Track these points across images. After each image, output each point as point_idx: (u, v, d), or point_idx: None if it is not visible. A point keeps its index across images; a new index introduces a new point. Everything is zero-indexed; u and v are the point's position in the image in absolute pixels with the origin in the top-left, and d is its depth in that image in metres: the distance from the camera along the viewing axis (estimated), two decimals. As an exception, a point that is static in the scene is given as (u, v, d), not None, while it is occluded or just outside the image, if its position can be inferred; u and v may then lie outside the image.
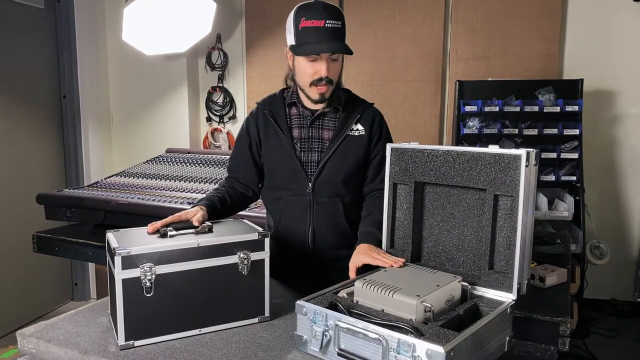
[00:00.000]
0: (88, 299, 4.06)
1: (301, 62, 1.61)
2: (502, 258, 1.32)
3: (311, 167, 1.70)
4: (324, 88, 1.61)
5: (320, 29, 1.54)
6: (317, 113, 1.71)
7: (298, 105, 1.73)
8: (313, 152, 1.71)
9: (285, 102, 1.75)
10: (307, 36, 1.55)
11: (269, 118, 1.73)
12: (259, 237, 1.40)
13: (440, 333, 1.09)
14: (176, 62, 4.02)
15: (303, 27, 1.55)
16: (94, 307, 1.51)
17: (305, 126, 1.72)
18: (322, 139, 1.71)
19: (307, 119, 1.72)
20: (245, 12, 4.08)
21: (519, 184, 1.26)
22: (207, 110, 4.25)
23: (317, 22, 1.54)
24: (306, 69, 1.60)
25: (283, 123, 1.72)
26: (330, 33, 1.55)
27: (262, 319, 1.42)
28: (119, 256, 1.22)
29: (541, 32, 3.53)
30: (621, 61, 3.48)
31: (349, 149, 1.70)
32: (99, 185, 2.94)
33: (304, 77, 1.62)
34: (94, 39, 4.03)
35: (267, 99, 1.80)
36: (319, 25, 1.54)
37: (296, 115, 1.74)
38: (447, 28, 3.72)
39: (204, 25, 3.56)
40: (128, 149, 4.23)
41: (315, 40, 1.55)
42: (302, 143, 1.71)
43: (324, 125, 1.72)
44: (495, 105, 3.13)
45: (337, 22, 1.56)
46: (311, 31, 1.55)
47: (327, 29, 1.54)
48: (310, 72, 1.60)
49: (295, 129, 1.73)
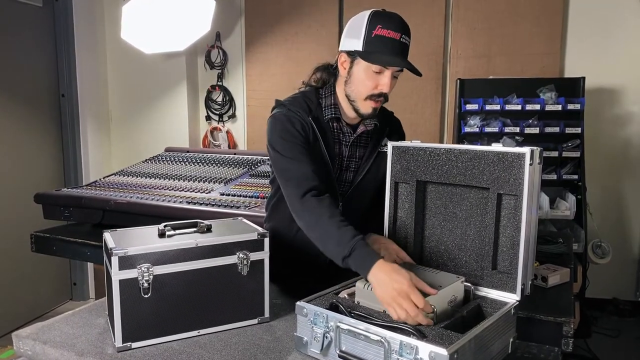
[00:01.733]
0: (87, 298, 4.04)
1: (363, 72, 1.46)
2: (506, 258, 1.30)
3: (343, 187, 1.61)
4: (379, 102, 1.50)
5: (395, 42, 1.43)
6: (358, 131, 1.59)
7: (341, 121, 1.58)
8: (349, 171, 1.61)
9: (325, 113, 1.57)
10: (381, 45, 1.42)
11: (315, 128, 1.53)
12: (259, 237, 1.38)
13: (443, 335, 1.07)
14: (175, 60, 4.00)
15: (377, 34, 1.42)
16: (91, 308, 1.49)
17: (346, 144, 1.59)
18: (356, 158, 1.62)
19: (346, 136, 1.59)
20: (244, 10, 4.06)
21: (522, 182, 1.24)
22: (207, 109, 4.23)
23: (394, 33, 1.42)
24: (367, 81, 1.47)
25: (329, 139, 1.55)
26: (403, 48, 1.45)
27: (262, 320, 1.40)
28: (115, 256, 1.20)
29: (542, 30, 3.51)
30: (623, 59, 3.46)
31: (380, 166, 1.61)
32: (97, 184, 2.92)
33: (361, 88, 1.48)
34: (93, 37, 4.01)
35: (300, 102, 1.56)
36: (394, 38, 1.42)
37: (337, 130, 1.59)
38: (448, 26, 3.70)
39: (203, 24, 3.54)
40: (127, 147, 4.21)
41: (389, 52, 1.43)
42: (340, 161, 1.60)
43: (360, 143, 1.62)
44: (496, 103, 3.11)
45: (409, 39, 1.47)
46: (386, 41, 1.42)
47: (401, 43, 1.44)
48: (370, 85, 1.47)
49: (336, 145, 1.59)
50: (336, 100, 1.57)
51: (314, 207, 1.39)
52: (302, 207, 1.41)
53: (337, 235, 1.31)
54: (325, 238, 1.35)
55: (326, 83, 1.62)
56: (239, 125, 4.22)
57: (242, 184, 2.77)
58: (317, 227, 1.37)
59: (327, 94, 1.59)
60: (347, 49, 1.50)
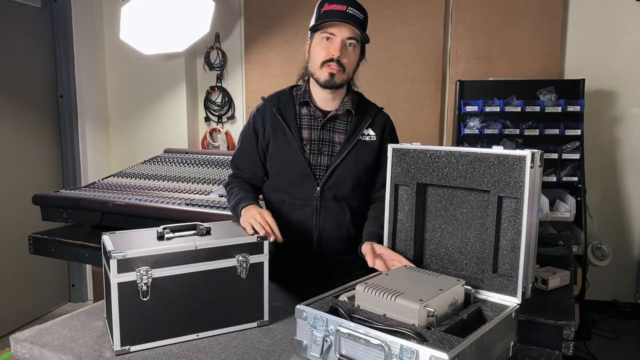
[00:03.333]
0: (85, 300, 4.03)
1: (316, 44, 1.61)
2: (507, 261, 1.30)
3: (320, 171, 1.66)
4: (334, 68, 1.59)
5: (341, 12, 1.57)
6: (329, 115, 1.67)
7: (310, 105, 1.68)
8: (323, 155, 1.67)
9: (296, 100, 1.70)
10: (327, 17, 1.57)
11: (277, 116, 1.68)
12: (258, 239, 1.37)
13: (444, 339, 1.06)
14: (174, 61, 3.99)
15: (325, 10, 1.58)
16: (89, 311, 1.48)
17: (317, 127, 1.68)
18: (332, 142, 1.67)
19: (318, 120, 1.68)
20: (244, 11, 4.05)
21: (523, 185, 1.23)
22: (206, 110, 4.22)
23: (339, 6, 1.57)
24: (319, 51, 1.60)
25: (292, 122, 1.67)
26: (350, 17, 1.57)
27: (261, 323, 1.39)
28: (114, 259, 1.19)
29: (542, 32, 3.51)
30: (622, 61, 3.46)
31: (360, 154, 1.67)
32: (96, 186, 2.91)
33: (316, 58, 1.61)
34: (91, 38, 3.99)
35: (275, 95, 1.74)
36: (340, 9, 1.57)
37: (307, 116, 1.69)
38: (448, 27, 3.70)
39: (202, 25, 3.53)
40: (125, 149, 4.20)
41: (334, 18, 1.57)
42: (312, 145, 1.67)
43: (335, 128, 1.68)
44: (496, 105, 3.11)
45: (358, 12, 1.59)
46: (332, 13, 1.57)
47: (348, 13, 1.57)
48: (323, 53, 1.59)
49: (305, 129, 1.68)
50: (307, 87, 1.69)
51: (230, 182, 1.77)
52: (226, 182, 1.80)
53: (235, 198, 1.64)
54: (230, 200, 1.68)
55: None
56: (238, 126, 4.21)
57: (241, 185, 2.76)
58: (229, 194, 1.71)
59: (302, 84, 1.72)
60: (309, 34, 1.66)
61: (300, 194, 1.68)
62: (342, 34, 1.58)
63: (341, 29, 1.58)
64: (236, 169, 1.80)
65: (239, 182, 1.75)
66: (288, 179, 1.70)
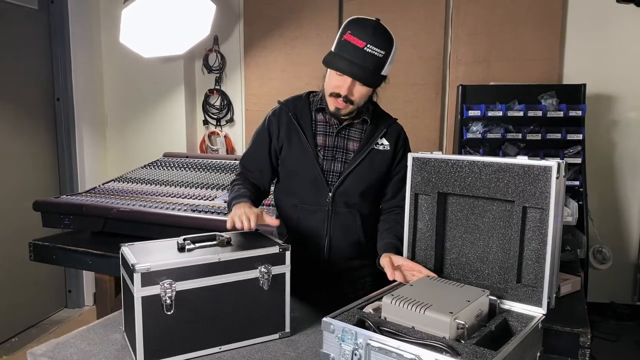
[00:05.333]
0: (82, 306, 3.97)
1: (329, 72, 1.59)
2: (531, 271, 1.30)
3: (332, 177, 1.66)
4: (340, 104, 1.58)
5: (357, 49, 1.49)
6: (344, 122, 1.67)
7: (326, 112, 1.68)
8: (336, 161, 1.67)
9: (312, 106, 1.70)
10: (344, 50, 1.51)
11: (293, 120, 1.68)
12: (280, 250, 1.36)
13: (477, 352, 1.06)
14: (173, 64, 3.95)
15: (345, 39, 1.51)
16: (105, 323, 1.46)
17: (331, 134, 1.68)
18: (346, 150, 1.68)
19: (333, 127, 1.68)
20: (243, 14, 4.02)
21: (549, 195, 1.23)
22: (204, 114, 4.18)
23: (359, 41, 1.49)
24: (331, 81, 1.58)
25: (308, 128, 1.67)
26: (365, 58, 1.49)
27: (283, 334, 1.38)
28: (138, 273, 1.17)
29: (542, 36, 3.53)
30: (620, 66, 3.49)
31: (373, 162, 1.67)
32: (96, 191, 2.87)
33: (327, 86, 1.61)
34: (89, 40, 3.94)
35: (292, 100, 1.75)
36: (358, 45, 1.49)
37: (322, 122, 1.69)
38: (448, 31, 3.71)
39: (203, 27, 3.50)
40: (123, 153, 4.15)
41: (348, 57, 1.50)
42: (326, 151, 1.67)
43: (350, 136, 1.69)
44: (498, 109, 3.12)
45: (378, 50, 1.50)
46: (349, 47, 1.50)
47: (365, 52, 1.49)
48: (332, 85, 1.58)
49: (319, 135, 1.68)
50: (324, 94, 1.66)
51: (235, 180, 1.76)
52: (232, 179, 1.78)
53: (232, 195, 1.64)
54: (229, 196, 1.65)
55: None
56: (237, 129, 4.19)
57: (245, 190, 2.74)
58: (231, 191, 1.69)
59: (319, 91, 1.70)
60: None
61: (312, 199, 1.68)
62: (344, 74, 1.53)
63: None
64: (244, 168, 1.79)
65: (242, 181, 1.73)
66: (300, 184, 1.70)
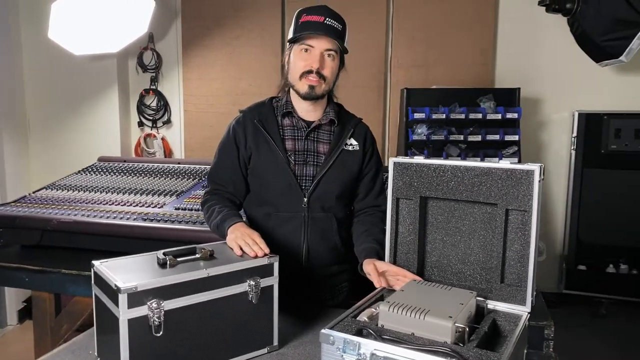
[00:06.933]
0: (5, 326, 3.62)
1: (294, 55, 1.59)
2: (514, 271, 1.34)
3: (306, 181, 1.63)
4: (314, 80, 1.57)
5: (319, 23, 1.55)
6: (313, 125, 1.64)
7: (293, 116, 1.65)
8: (308, 165, 1.64)
9: (277, 111, 1.66)
10: (305, 29, 1.55)
11: (259, 127, 1.63)
12: (269, 261, 1.31)
13: (481, 355, 1.07)
14: (105, 62, 3.72)
15: (303, 21, 1.56)
16: (72, 348, 1.32)
17: (301, 138, 1.65)
18: (317, 153, 1.65)
19: (302, 130, 1.65)
20: (181, 11, 3.86)
21: (532, 198, 1.28)
22: (139, 115, 3.97)
23: (317, 17, 1.55)
24: (298, 61, 1.58)
25: (275, 133, 1.63)
26: (329, 28, 1.55)
27: (272, 348, 1.33)
28: (124, 294, 1.07)
29: (476, 43, 3.70)
30: (547, 71, 3.75)
31: (345, 163, 1.66)
32: (27, 200, 2.61)
33: (295, 69, 1.59)
34: (6, 35, 3.59)
35: (255, 107, 1.70)
36: (318, 20, 1.55)
37: (290, 127, 1.65)
38: (389, 36, 3.79)
39: (140, 24, 3.31)
40: (49, 158, 3.83)
41: (313, 30, 1.54)
42: (297, 155, 1.63)
43: (319, 138, 1.66)
44: (441, 112, 3.23)
45: (336, 23, 1.57)
46: (310, 24, 1.55)
47: (326, 25, 1.55)
48: (301, 64, 1.57)
49: (288, 140, 1.64)
50: (288, 97, 1.66)
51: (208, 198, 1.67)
52: (204, 198, 1.69)
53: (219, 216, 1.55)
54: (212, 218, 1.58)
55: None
56: (175, 131, 4.02)
57: (196, 196, 2.61)
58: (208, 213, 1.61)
59: (283, 95, 1.69)
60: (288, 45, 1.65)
61: (287, 206, 1.64)
62: (320, 45, 1.56)
63: (320, 40, 1.56)
64: (215, 184, 1.70)
65: (219, 199, 1.66)
66: (273, 192, 1.65)
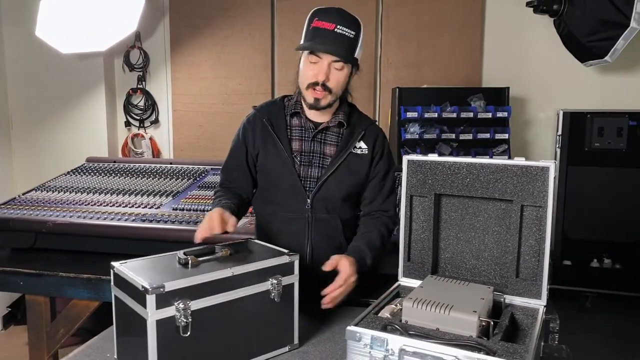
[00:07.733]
0: (-10, 332, 3.52)
1: (303, 63, 1.57)
2: (529, 266, 1.37)
3: (310, 183, 1.62)
4: (319, 93, 1.54)
5: (328, 32, 1.50)
6: (320, 126, 1.63)
7: (301, 116, 1.64)
8: (313, 167, 1.62)
9: (287, 111, 1.65)
10: (315, 36, 1.51)
11: (267, 127, 1.62)
12: (290, 259, 1.30)
13: (508, 348, 1.10)
14: (91, 61, 3.64)
15: (314, 26, 1.52)
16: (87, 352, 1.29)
17: (307, 139, 1.64)
18: (323, 155, 1.63)
19: (309, 131, 1.64)
20: (169, 9, 3.81)
21: (547, 194, 1.31)
22: (126, 114, 3.90)
23: (328, 24, 1.50)
24: (306, 71, 1.55)
25: (282, 133, 1.62)
26: (338, 39, 1.50)
27: (292, 347, 1.33)
28: (152, 295, 1.05)
29: (464, 43, 3.75)
30: (534, 71, 3.82)
31: (351, 167, 1.64)
32: (17, 202, 2.54)
33: (303, 78, 1.57)
34: (-13, 32, 3.50)
35: (266, 105, 1.69)
36: (328, 28, 1.50)
37: (298, 127, 1.65)
38: (378, 35, 3.81)
39: (129, 22, 3.26)
40: (34, 158, 3.73)
41: (319, 40, 1.50)
42: (302, 156, 1.62)
43: (326, 140, 1.65)
44: (434, 111, 3.27)
45: (348, 30, 1.51)
46: (319, 32, 1.51)
47: (336, 33, 1.50)
48: (309, 74, 1.54)
49: (295, 141, 1.64)
50: (299, 97, 1.64)
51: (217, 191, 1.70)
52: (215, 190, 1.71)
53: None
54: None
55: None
56: (163, 131, 3.96)
57: (192, 196, 2.59)
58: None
59: (294, 94, 1.67)
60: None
61: (291, 206, 1.63)
62: (328, 57, 1.51)
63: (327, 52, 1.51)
64: (227, 182, 1.72)
65: (225, 192, 1.67)
66: (278, 191, 1.65)
